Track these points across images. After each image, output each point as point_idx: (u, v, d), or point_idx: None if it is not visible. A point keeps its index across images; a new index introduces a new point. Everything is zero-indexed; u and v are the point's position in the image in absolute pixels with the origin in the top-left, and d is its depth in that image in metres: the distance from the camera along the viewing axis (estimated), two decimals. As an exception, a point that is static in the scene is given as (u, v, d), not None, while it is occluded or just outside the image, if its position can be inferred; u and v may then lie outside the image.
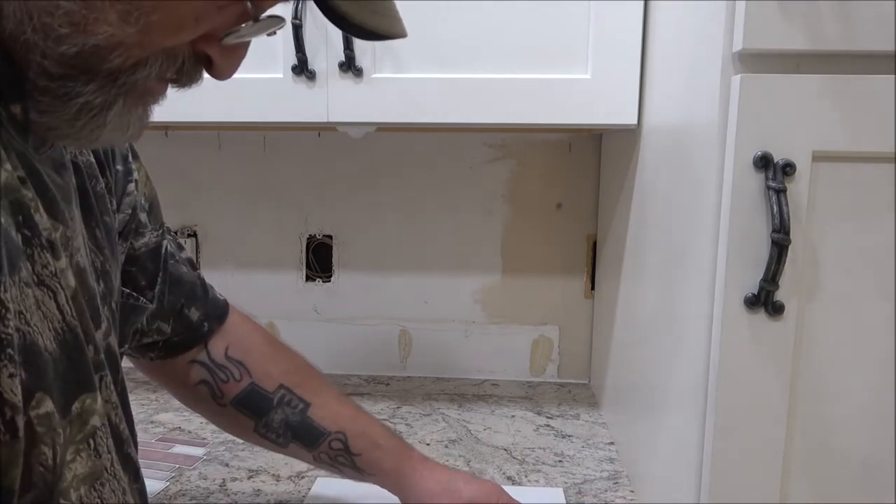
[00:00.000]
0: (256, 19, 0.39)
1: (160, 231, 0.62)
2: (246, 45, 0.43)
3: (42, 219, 0.38)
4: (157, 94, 0.41)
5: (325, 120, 0.81)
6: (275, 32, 0.43)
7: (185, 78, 0.41)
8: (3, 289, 0.33)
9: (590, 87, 0.79)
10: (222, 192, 1.14)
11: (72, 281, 0.41)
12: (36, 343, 0.36)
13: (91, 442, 0.42)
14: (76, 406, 0.40)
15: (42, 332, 0.37)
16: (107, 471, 0.43)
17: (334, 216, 1.14)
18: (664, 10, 0.72)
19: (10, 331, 0.33)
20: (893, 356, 0.51)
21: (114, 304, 0.50)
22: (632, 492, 0.79)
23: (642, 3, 0.78)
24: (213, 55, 0.40)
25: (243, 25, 0.40)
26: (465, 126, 0.85)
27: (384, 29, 0.46)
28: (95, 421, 0.42)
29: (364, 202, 1.13)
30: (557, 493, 0.80)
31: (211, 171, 1.14)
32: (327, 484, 0.80)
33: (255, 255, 1.16)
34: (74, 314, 0.40)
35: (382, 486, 0.68)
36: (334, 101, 0.80)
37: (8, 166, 0.35)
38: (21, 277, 0.35)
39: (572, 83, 0.79)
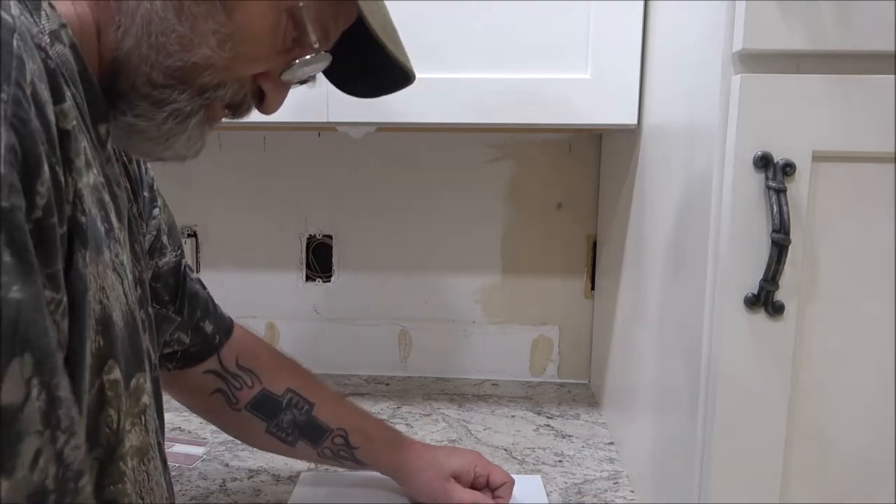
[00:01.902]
0: (317, 52, 0.49)
1: (179, 251, 0.68)
2: (290, 85, 0.52)
3: (113, 219, 0.45)
4: (216, 119, 0.50)
5: (325, 120, 0.81)
6: (313, 79, 0.53)
7: (244, 107, 0.51)
8: (83, 264, 0.38)
9: (590, 87, 0.79)
10: (222, 192, 1.14)
11: (129, 275, 0.47)
12: (111, 317, 0.42)
13: (143, 418, 0.46)
14: (133, 382, 0.45)
15: (114, 309, 0.43)
16: (152, 448, 0.48)
17: (334, 216, 1.14)
18: (664, 10, 0.72)
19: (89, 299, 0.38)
20: (893, 356, 0.51)
21: (149, 310, 0.55)
22: (632, 492, 0.79)
23: (642, 3, 0.77)
24: (266, 90, 0.50)
25: (297, 61, 0.49)
26: (465, 126, 0.85)
27: (409, 66, 0.57)
28: (146, 399, 0.47)
29: (364, 202, 1.13)
30: (535, 481, 0.81)
31: (211, 171, 1.14)
32: (310, 480, 0.82)
33: (255, 255, 1.16)
34: (134, 300, 0.47)
35: (381, 472, 0.76)
36: (334, 101, 0.80)
37: (95, 171, 0.42)
38: (104, 259, 0.41)
39: (572, 83, 0.79)
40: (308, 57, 0.49)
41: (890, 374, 0.52)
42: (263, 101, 0.51)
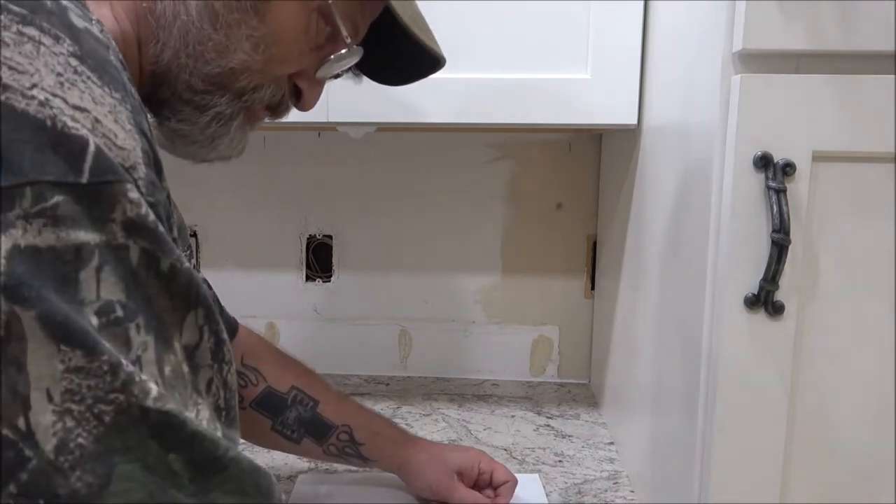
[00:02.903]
0: (349, 47, 0.51)
1: (188, 251, 0.71)
2: (324, 81, 0.55)
3: None
4: (257, 120, 0.53)
5: (325, 120, 0.81)
6: (342, 73, 0.56)
7: (282, 107, 0.53)
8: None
9: (590, 87, 0.79)
10: (222, 192, 1.14)
11: None
12: None
13: None
14: None
15: None
16: None
17: (334, 216, 1.14)
18: (664, 10, 0.72)
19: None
20: (893, 356, 0.51)
21: None
22: (632, 492, 0.79)
23: (642, 3, 0.77)
24: (303, 87, 0.53)
25: (331, 57, 0.51)
26: (465, 126, 0.85)
27: (439, 52, 0.59)
28: None
29: (364, 202, 1.13)
30: (534, 479, 0.81)
31: (211, 171, 1.13)
32: (309, 480, 0.82)
33: (255, 255, 1.16)
34: None
35: (385, 469, 0.76)
36: (334, 101, 0.80)
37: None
38: None
39: (572, 83, 0.79)
40: (342, 52, 0.51)
41: (890, 373, 0.52)
42: (301, 99, 0.54)
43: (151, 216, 0.34)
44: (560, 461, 0.87)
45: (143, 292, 0.34)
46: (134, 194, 0.33)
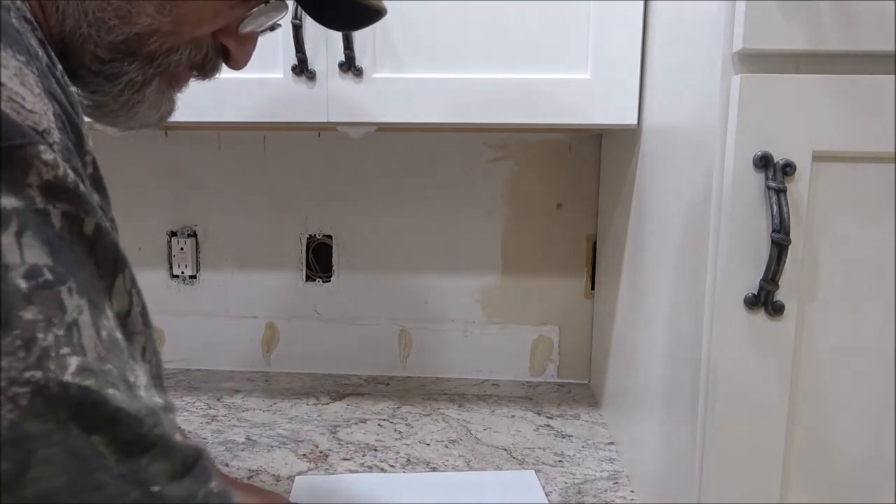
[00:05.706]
0: (267, 1, 0.49)
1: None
2: (255, 38, 0.52)
3: None
4: (182, 82, 0.51)
5: (325, 120, 0.81)
6: (279, 25, 0.53)
7: (209, 66, 0.50)
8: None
9: (590, 87, 0.79)
10: (222, 192, 1.14)
11: None
12: None
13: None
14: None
15: None
16: None
17: (334, 216, 1.14)
18: (664, 10, 0.72)
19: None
20: (893, 356, 0.51)
21: None
22: (632, 492, 0.79)
23: (642, 3, 0.77)
24: (229, 45, 0.50)
25: (255, 9, 0.49)
26: (465, 126, 0.85)
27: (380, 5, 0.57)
28: None
29: (364, 202, 1.13)
30: (529, 475, 0.81)
31: (211, 171, 1.14)
32: (306, 482, 0.81)
33: (255, 255, 1.16)
34: None
35: None
36: (334, 101, 0.80)
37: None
38: None
39: (572, 83, 0.79)
40: (262, 6, 0.49)
41: (890, 373, 0.52)
42: (229, 58, 0.51)
43: (71, 176, 0.33)
44: (560, 461, 0.87)
45: (70, 256, 0.33)
46: (49, 156, 0.32)
